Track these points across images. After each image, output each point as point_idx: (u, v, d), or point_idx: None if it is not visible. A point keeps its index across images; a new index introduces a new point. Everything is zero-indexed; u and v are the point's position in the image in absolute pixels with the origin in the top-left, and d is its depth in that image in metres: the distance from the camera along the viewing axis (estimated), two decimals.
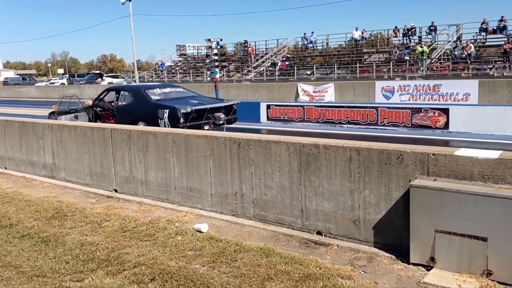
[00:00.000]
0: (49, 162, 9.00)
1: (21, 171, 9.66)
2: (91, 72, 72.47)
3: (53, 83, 59.18)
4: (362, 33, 33.75)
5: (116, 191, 7.81)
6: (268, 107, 15.84)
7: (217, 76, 18.82)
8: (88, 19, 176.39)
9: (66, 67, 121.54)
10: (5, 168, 10.06)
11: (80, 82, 50.43)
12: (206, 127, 11.26)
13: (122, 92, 12.76)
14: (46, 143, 8.99)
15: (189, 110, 10.93)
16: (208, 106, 11.58)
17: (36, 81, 69.23)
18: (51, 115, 13.30)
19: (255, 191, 6.02)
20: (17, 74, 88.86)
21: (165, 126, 10.68)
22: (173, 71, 43.81)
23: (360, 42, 33.96)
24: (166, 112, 11.03)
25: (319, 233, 5.51)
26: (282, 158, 5.71)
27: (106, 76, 55.17)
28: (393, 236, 4.98)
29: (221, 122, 11.67)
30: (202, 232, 5.76)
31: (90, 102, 13.36)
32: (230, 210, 6.32)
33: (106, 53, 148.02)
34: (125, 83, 45.82)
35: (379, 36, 35.78)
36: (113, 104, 12.67)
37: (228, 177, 6.28)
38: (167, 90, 12.81)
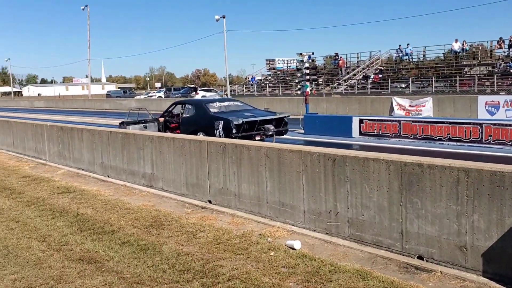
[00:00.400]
0: (148, 172, 9.44)
1: (122, 179, 10.23)
2: (186, 86, 76.04)
3: (151, 96, 62.80)
4: (463, 44, 31.91)
5: (210, 202, 7.97)
6: (361, 121, 15.41)
7: (308, 89, 18.72)
8: (184, 36, 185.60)
9: (163, 81, 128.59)
10: (108, 176, 10.71)
11: (176, 95, 52.96)
12: (257, 138, 12.21)
13: (186, 105, 14.34)
14: (146, 153, 9.44)
15: (240, 121, 12.12)
16: (258, 119, 12.59)
17: (135, 94, 73.91)
18: (121, 124, 14.43)
19: (350, 210, 5.80)
20: (118, 88, 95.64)
21: (219, 136, 11.84)
22: (262, 85, 44.48)
23: (460, 54, 32.11)
24: (221, 123, 12.20)
25: (420, 257, 5.16)
26: (381, 176, 5.45)
27: (200, 90, 57.45)
28: (505, 265, 4.53)
29: (270, 133, 12.57)
30: (295, 249, 5.65)
31: (161, 119, 14.60)
32: (324, 228, 6.14)
33: (200, 67, 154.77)
34: (217, 97, 47.37)
35: (480, 48, 33.57)
36: (179, 116, 14.16)
37: (322, 194, 6.12)
38: (226, 104, 14.06)
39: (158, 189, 9.14)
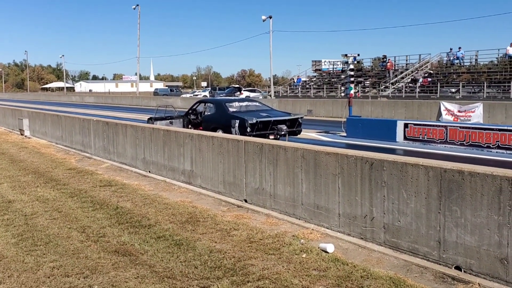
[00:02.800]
0: (187, 169, 9.57)
1: (162, 175, 10.43)
2: (230, 86, 76.72)
3: (196, 95, 63.72)
4: None
5: (246, 201, 7.98)
6: (406, 125, 15.02)
7: (352, 92, 18.42)
8: (231, 36, 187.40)
9: (209, 80, 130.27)
10: (149, 171, 10.95)
11: (221, 95, 53.53)
12: (271, 137, 12.71)
13: (208, 104, 15.38)
14: (186, 151, 9.58)
15: (254, 121, 12.82)
16: (271, 119, 13.29)
17: (182, 93, 75.29)
18: (149, 120, 15.39)
19: (386, 215, 5.65)
20: (166, 86, 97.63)
21: (235, 134, 12.40)
22: (307, 86, 44.21)
23: None
24: (237, 122, 12.97)
25: (457, 268, 4.96)
26: (420, 182, 5.28)
27: (244, 90, 57.79)
28: None
29: (282, 133, 13.18)
30: (328, 253, 5.56)
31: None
32: (358, 233, 6.02)
33: (245, 68, 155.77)
34: (261, 97, 47.51)
35: None
36: (201, 114, 15.21)
37: (358, 198, 6.00)
38: (244, 104, 14.82)
39: (196, 186, 9.26)
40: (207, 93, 62.25)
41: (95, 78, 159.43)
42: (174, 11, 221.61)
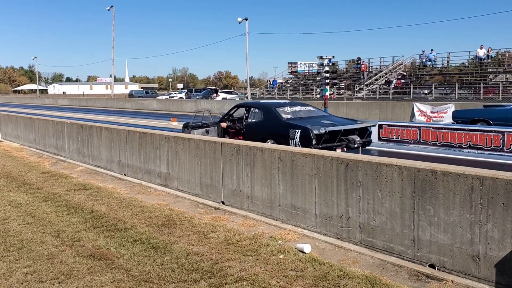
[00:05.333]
0: (163, 172, 9.50)
1: (138, 178, 10.32)
2: (207, 87, 76.45)
3: (172, 97, 63.36)
4: (488, 51, 31.35)
5: (223, 203, 7.98)
6: (380, 126, 15.22)
7: (327, 93, 18.63)
8: (207, 37, 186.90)
9: (185, 82, 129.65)
10: (125, 174, 10.83)
11: (197, 97, 53.37)
12: (338, 150, 10.39)
13: (252, 109, 12.47)
14: (162, 153, 9.51)
15: (322, 131, 10.28)
16: (342, 128, 10.86)
17: (157, 95, 74.66)
18: (185, 128, 13.52)
19: (362, 215, 5.73)
20: (141, 88, 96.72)
21: (295, 145, 10.27)
22: (283, 88, 44.44)
23: (485, 61, 31.55)
24: (297, 132, 10.56)
25: (431, 266, 5.06)
26: (394, 182, 5.37)
27: (220, 92, 57.70)
28: None
29: (356, 145, 10.87)
30: (305, 253, 5.60)
31: (224, 125, 13.06)
32: (335, 233, 6.09)
33: (222, 70, 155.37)
34: (238, 99, 47.51)
35: (507, 55, 32.90)
36: (242, 120, 12.52)
37: (334, 198, 6.07)
38: (297, 108, 12.39)
39: (173, 189, 9.20)
40: (183, 95, 61.91)
41: (69, 80, 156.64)
42: (150, 12, 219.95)
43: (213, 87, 72.13)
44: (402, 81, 33.65)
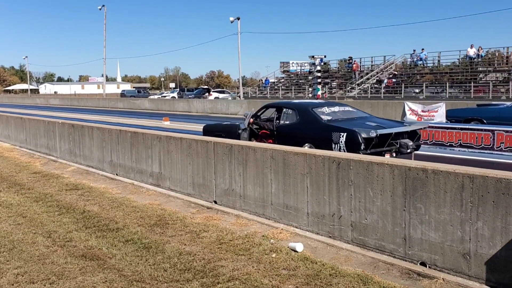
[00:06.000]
0: (155, 171, 9.48)
1: (130, 178, 10.29)
2: (199, 87, 76.31)
3: (164, 96, 63.22)
4: (478, 50, 31.60)
5: (215, 202, 7.97)
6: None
7: (319, 93, 18.69)
8: (200, 37, 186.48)
9: (177, 81, 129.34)
10: (116, 174, 10.79)
11: (189, 96, 53.29)
12: (387, 155, 9.36)
13: (285, 109, 11.17)
14: (154, 153, 9.48)
15: (373, 135, 9.08)
16: (393, 131, 9.61)
17: (149, 94, 74.43)
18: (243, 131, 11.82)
19: (354, 214, 5.76)
20: (133, 87, 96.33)
21: (339, 151, 9.19)
22: (275, 87, 44.48)
23: (475, 60, 31.80)
24: (342, 136, 9.41)
25: (423, 264, 5.10)
26: (385, 181, 5.40)
27: (213, 91, 57.65)
28: (509, 275, 4.44)
29: (409, 150, 9.81)
30: (297, 252, 5.62)
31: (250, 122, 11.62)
32: (327, 232, 6.11)
33: (214, 69, 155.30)
34: (230, 98, 47.50)
35: (497, 54, 33.18)
36: (272, 122, 11.21)
37: (326, 197, 6.09)
38: (336, 109, 11.17)
39: (165, 189, 9.18)
40: (175, 94, 61.80)
41: (60, 79, 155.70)
42: (142, 12, 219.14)
43: (206, 87, 71.98)
44: (394, 80, 33.82)
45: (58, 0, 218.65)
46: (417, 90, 30.66)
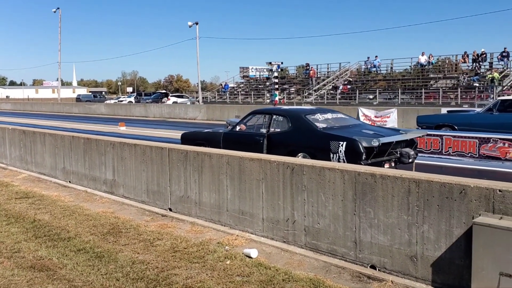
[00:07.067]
0: (109, 178, 9.30)
1: (83, 185, 10.05)
2: (157, 91, 75.33)
3: (121, 101, 61.97)
4: (429, 57, 32.84)
5: (170, 210, 7.91)
6: None
7: (277, 98, 18.88)
8: (158, 40, 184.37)
9: (135, 86, 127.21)
10: (69, 181, 10.52)
11: (147, 101, 52.49)
12: (387, 165, 8.95)
13: (274, 116, 10.37)
14: (107, 159, 9.31)
15: (375, 144, 8.46)
16: (394, 139, 9.14)
17: (106, 99, 72.83)
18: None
19: (307, 218, 5.86)
20: (90, 92, 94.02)
21: (338, 161, 8.67)
22: (235, 92, 44.58)
23: (426, 67, 33.02)
24: (341, 145, 8.75)
25: (373, 267, 5.24)
26: (337, 186, 5.53)
27: (171, 96, 57.07)
28: (453, 276, 4.64)
29: (410, 160, 9.33)
30: (252, 258, 5.66)
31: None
32: (281, 237, 6.18)
33: (173, 73, 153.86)
34: (189, 103, 47.18)
35: (447, 62, 34.59)
36: (261, 130, 10.38)
37: (280, 202, 6.17)
38: (329, 116, 10.49)
39: (119, 196, 9.02)
40: (132, 99, 60.73)
41: (12, 83, 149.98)
42: (98, 15, 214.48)
43: (164, 91, 71.15)
44: (348, 86, 34.61)
45: (11, 1, 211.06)
46: (371, 96, 31.51)
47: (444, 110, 19.68)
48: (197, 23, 43.53)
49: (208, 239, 6.47)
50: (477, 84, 27.39)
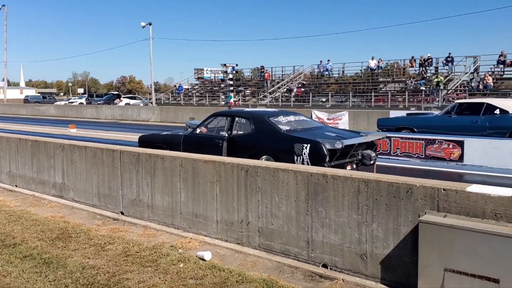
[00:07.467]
0: (58, 182, 9.01)
1: (31, 189, 9.69)
2: (109, 92, 73.61)
3: (72, 102, 60.22)
4: (378, 62, 33.85)
5: (122, 213, 7.76)
6: None
7: (232, 100, 18.92)
8: (110, 41, 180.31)
9: (86, 87, 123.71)
10: (16, 186, 10.11)
11: (98, 102, 51.26)
12: (349, 167, 9.05)
13: (236, 119, 10.27)
14: (57, 162, 9.02)
15: (339, 146, 8.47)
16: (356, 141, 9.19)
17: (56, 100, 70.44)
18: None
19: (261, 219, 5.90)
20: (39, 93, 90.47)
21: (302, 163, 8.68)
22: (189, 94, 44.25)
23: (376, 71, 34.03)
24: (306, 148, 8.77)
25: (324, 266, 5.35)
26: (290, 186, 5.61)
27: (123, 97, 55.95)
28: (400, 273, 4.80)
29: (372, 162, 9.44)
30: (205, 260, 5.64)
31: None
32: (235, 238, 6.20)
33: (125, 74, 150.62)
34: (142, 104, 46.42)
35: (395, 66, 35.80)
36: (223, 133, 10.25)
37: (235, 204, 6.18)
38: (292, 118, 10.46)
39: (69, 200, 8.75)
40: (83, 100, 59.13)
41: None
42: (48, 14, 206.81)
43: (116, 92, 69.63)
44: (302, 89, 35.13)
45: None
46: (323, 99, 32.14)
47: (392, 113, 20.38)
48: (150, 24, 42.95)
49: (161, 242, 6.39)
50: (424, 88, 28.49)
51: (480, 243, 4.06)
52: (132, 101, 52.00)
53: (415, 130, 14.47)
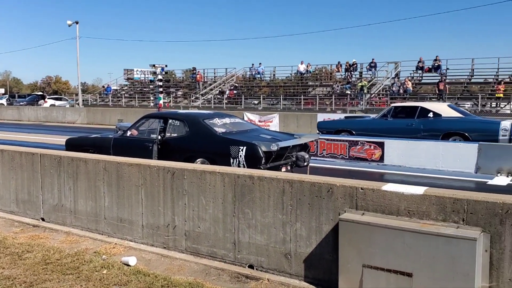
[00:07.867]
0: None
1: None
2: (33, 93, 69.77)
3: None
4: (307, 66, 34.76)
5: (43, 219, 7.39)
6: None
7: (161, 102, 18.63)
8: (35, 39, 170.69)
9: (7, 87, 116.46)
10: None
11: (21, 103, 48.45)
12: (284, 169, 9.06)
13: (170, 121, 9.99)
14: None
15: (274, 148, 8.56)
16: (291, 143, 9.28)
17: None
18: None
19: (188, 223, 5.87)
20: None
21: (238, 166, 8.63)
22: (118, 95, 43.00)
23: (305, 75, 34.90)
24: (242, 150, 8.72)
25: (250, 266, 5.41)
26: (217, 189, 5.62)
27: (48, 98, 53.27)
28: (323, 270, 4.96)
29: (305, 163, 9.56)
30: (130, 266, 5.51)
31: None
32: (162, 243, 6.11)
33: (51, 74, 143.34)
34: (68, 105, 44.50)
35: (323, 70, 36.97)
36: (155, 135, 9.89)
37: (161, 208, 6.10)
38: (227, 120, 10.36)
39: None
40: (4, 101, 55.56)
41: None
42: None
43: (40, 93, 66.09)
44: (235, 92, 35.30)
45: None
46: (255, 102, 32.50)
47: (320, 116, 21.03)
48: (77, 22, 41.24)
49: (84, 248, 6.17)
50: (349, 92, 29.62)
51: (395, 239, 4.30)
52: (57, 102, 49.65)
53: (353, 132, 14.92)
